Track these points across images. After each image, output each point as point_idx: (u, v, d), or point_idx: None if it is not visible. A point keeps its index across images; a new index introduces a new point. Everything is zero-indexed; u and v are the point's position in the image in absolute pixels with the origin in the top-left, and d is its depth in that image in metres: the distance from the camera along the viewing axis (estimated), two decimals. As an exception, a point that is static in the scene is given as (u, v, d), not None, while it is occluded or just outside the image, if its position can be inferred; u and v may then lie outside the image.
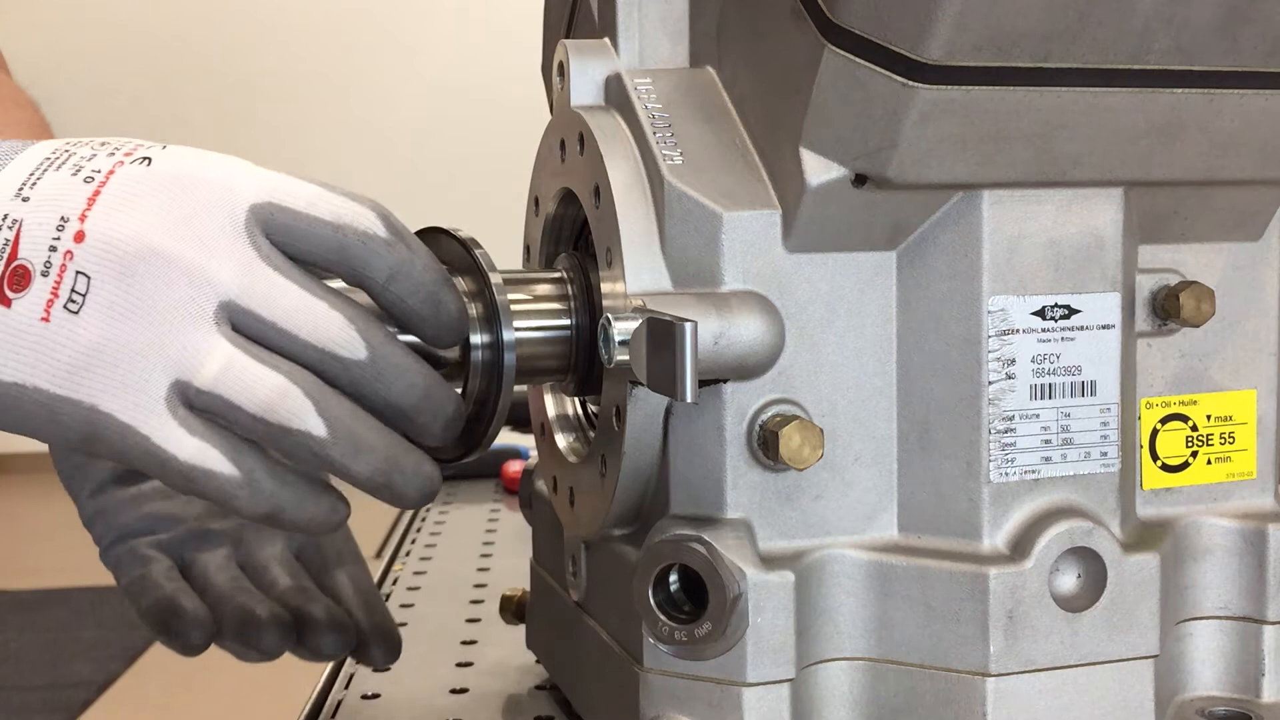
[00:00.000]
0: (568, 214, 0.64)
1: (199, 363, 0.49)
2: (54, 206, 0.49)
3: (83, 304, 0.49)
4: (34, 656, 3.21)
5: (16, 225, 0.49)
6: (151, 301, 0.49)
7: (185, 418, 0.49)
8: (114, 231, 0.49)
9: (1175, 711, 0.59)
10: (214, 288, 0.49)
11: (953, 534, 0.55)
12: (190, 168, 0.50)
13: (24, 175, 0.50)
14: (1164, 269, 0.59)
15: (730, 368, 0.52)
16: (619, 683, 0.57)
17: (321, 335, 0.50)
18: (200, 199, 0.49)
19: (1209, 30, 0.50)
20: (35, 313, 0.49)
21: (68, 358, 0.49)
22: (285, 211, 0.50)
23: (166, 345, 0.49)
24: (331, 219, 0.50)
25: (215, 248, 0.49)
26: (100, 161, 0.50)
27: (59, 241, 0.49)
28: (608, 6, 0.61)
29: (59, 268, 0.49)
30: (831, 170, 0.52)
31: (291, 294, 0.49)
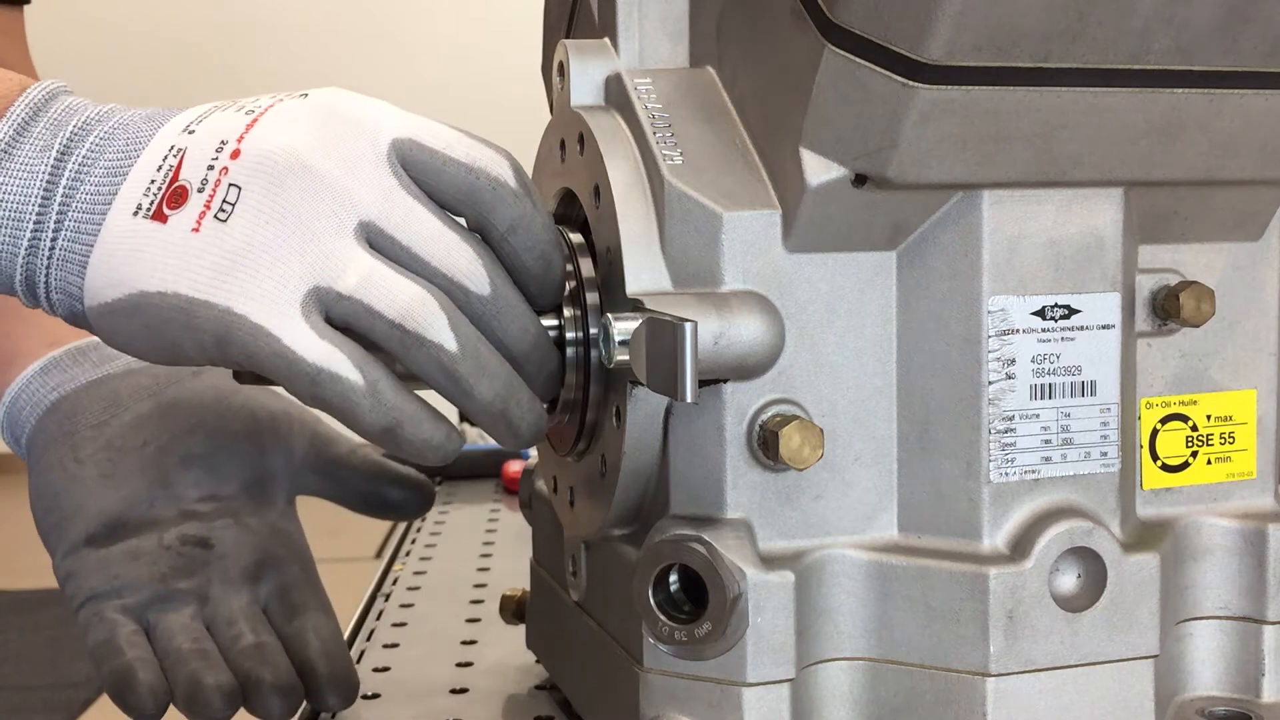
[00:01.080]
0: (568, 214, 0.64)
1: (340, 270, 0.51)
2: (215, 133, 0.54)
3: (232, 212, 0.52)
4: (34, 656, 3.21)
5: (181, 153, 0.54)
6: (297, 210, 0.52)
7: (317, 322, 0.51)
8: (267, 145, 0.53)
9: (1175, 711, 0.59)
10: (356, 206, 0.52)
11: (953, 534, 0.55)
12: (342, 102, 0.54)
13: (192, 117, 0.55)
14: (1164, 269, 0.59)
15: (730, 368, 0.52)
16: (619, 683, 0.57)
17: (451, 264, 0.52)
18: (349, 128, 0.53)
19: (1209, 30, 0.50)
20: (187, 224, 0.52)
21: (211, 262, 0.52)
22: (424, 149, 0.53)
23: (308, 252, 0.52)
24: (466, 161, 0.53)
25: (359, 171, 0.52)
26: (263, 101, 0.55)
27: (216, 160, 0.53)
28: (608, 6, 0.61)
29: (214, 183, 0.53)
30: (831, 170, 0.52)
31: (427, 222, 0.53)
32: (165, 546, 0.70)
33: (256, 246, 0.51)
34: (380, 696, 0.73)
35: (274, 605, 0.70)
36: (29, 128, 0.56)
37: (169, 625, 0.68)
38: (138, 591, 0.69)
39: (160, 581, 0.69)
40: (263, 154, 0.52)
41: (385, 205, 0.52)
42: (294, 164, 0.52)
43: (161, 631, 0.68)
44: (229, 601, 0.69)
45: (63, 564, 0.71)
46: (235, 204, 0.52)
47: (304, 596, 0.71)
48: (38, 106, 0.56)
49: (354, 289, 0.51)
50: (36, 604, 3.59)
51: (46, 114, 0.56)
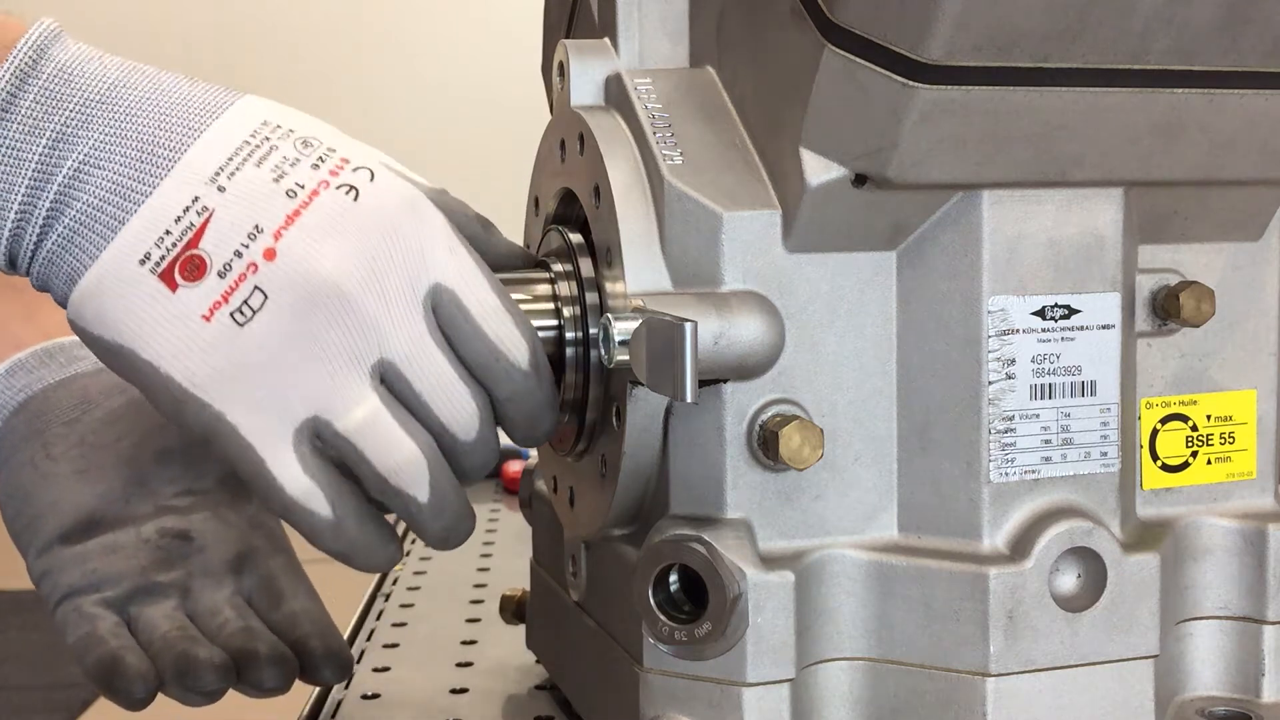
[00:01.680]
0: (568, 214, 0.64)
1: (345, 407, 0.51)
2: (249, 210, 0.50)
3: (251, 319, 0.50)
4: (34, 656, 3.21)
5: (206, 214, 0.50)
6: (321, 338, 0.50)
7: (305, 454, 0.51)
8: (308, 263, 0.50)
9: (1175, 711, 0.59)
10: (382, 345, 0.51)
11: (953, 534, 0.55)
12: (393, 217, 0.51)
13: (221, 157, 0.51)
14: (1164, 269, 0.59)
15: (730, 368, 0.52)
16: (619, 683, 0.57)
17: (452, 417, 0.52)
18: (396, 257, 0.51)
19: (1209, 30, 0.50)
20: (198, 308, 0.50)
21: (215, 362, 0.50)
22: (460, 309, 0.52)
23: (318, 383, 0.51)
24: (493, 339, 0.53)
25: (394, 309, 0.51)
26: (304, 173, 0.51)
27: (246, 250, 0.50)
28: (608, 6, 0.61)
29: (238, 275, 0.50)
30: (831, 170, 0.52)
31: (443, 375, 0.52)
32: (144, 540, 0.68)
33: (267, 365, 0.50)
34: (380, 696, 0.73)
35: (258, 595, 0.69)
36: (16, 99, 0.51)
37: (151, 617, 0.66)
38: (117, 585, 0.67)
39: (140, 574, 0.67)
40: (299, 274, 0.50)
41: (410, 350, 0.51)
42: (330, 294, 0.50)
43: (144, 623, 0.66)
44: (211, 593, 0.68)
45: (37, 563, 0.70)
46: (257, 311, 0.50)
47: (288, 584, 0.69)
48: (25, 69, 0.51)
49: (352, 431, 0.51)
50: (36, 604, 3.57)
51: (36, 80, 0.51)
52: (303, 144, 0.52)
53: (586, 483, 0.60)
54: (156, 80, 0.52)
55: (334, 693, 0.74)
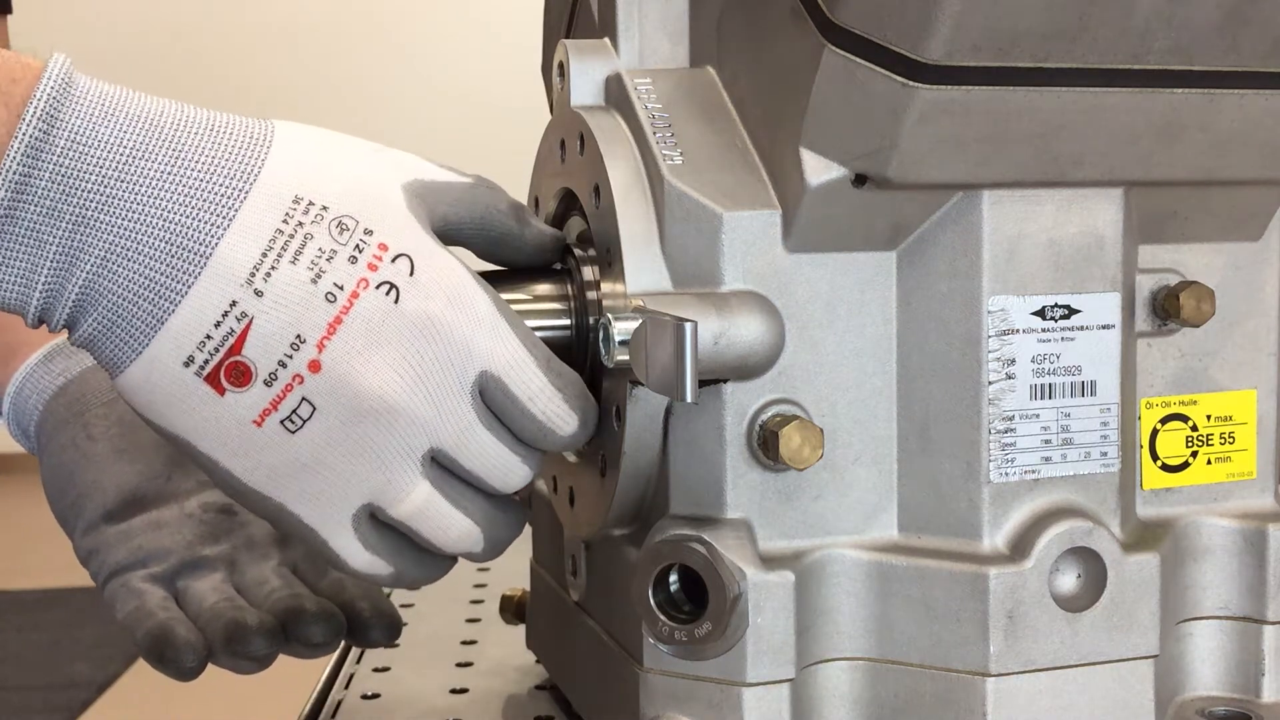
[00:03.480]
0: (568, 213, 0.64)
1: (397, 497, 0.53)
2: (290, 318, 0.49)
3: (301, 427, 0.51)
4: (34, 656, 3.21)
5: (246, 321, 0.49)
6: (370, 443, 0.51)
7: (365, 534, 0.54)
8: (353, 378, 0.50)
9: (1175, 711, 0.59)
10: (430, 438, 0.52)
11: (953, 534, 0.55)
12: (437, 318, 0.51)
13: (255, 254, 0.49)
14: (1164, 269, 0.59)
15: (730, 368, 0.52)
16: (619, 683, 0.57)
17: (505, 484, 0.54)
18: (440, 355, 0.51)
19: (1209, 30, 0.50)
20: (248, 415, 0.50)
21: (270, 462, 0.51)
22: (507, 395, 0.53)
23: (371, 476, 0.52)
24: (541, 419, 0.53)
25: (442, 405, 0.52)
26: (342, 270, 0.50)
27: (291, 360, 0.50)
28: (608, 6, 0.61)
29: (284, 385, 0.50)
30: (831, 170, 0.52)
31: (495, 454, 0.53)
32: (188, 515, 0.69)
33: (321, 465, 0.51)
34: (380, 696, 0.73)
35: (303, 565, 0.69)
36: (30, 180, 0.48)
37: (199, 590, 0.66)
38: (164, 560, 0.67)
39: (186, 549, 0.68)
40: (347, 389, 0.50)
41: (461, 440, 0.52)
42: (378, 406, 0.50)
43: (192, 595, 0.66)
44: (258, 565, 0.68)
45: (83, 542, 0.70)
46: (307, 420, 0.50)
47: None
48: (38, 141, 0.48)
49: (406, 516, 0.53)
50: (36, 604, 3.59)
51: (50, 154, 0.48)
52: (338, 228, 0.50)
53: (586, 483, 0.60)
54: (176, 143, 0.49)
55: (334, 692, 0.74)
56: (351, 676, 0.76)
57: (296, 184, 0.50)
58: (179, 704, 3.02)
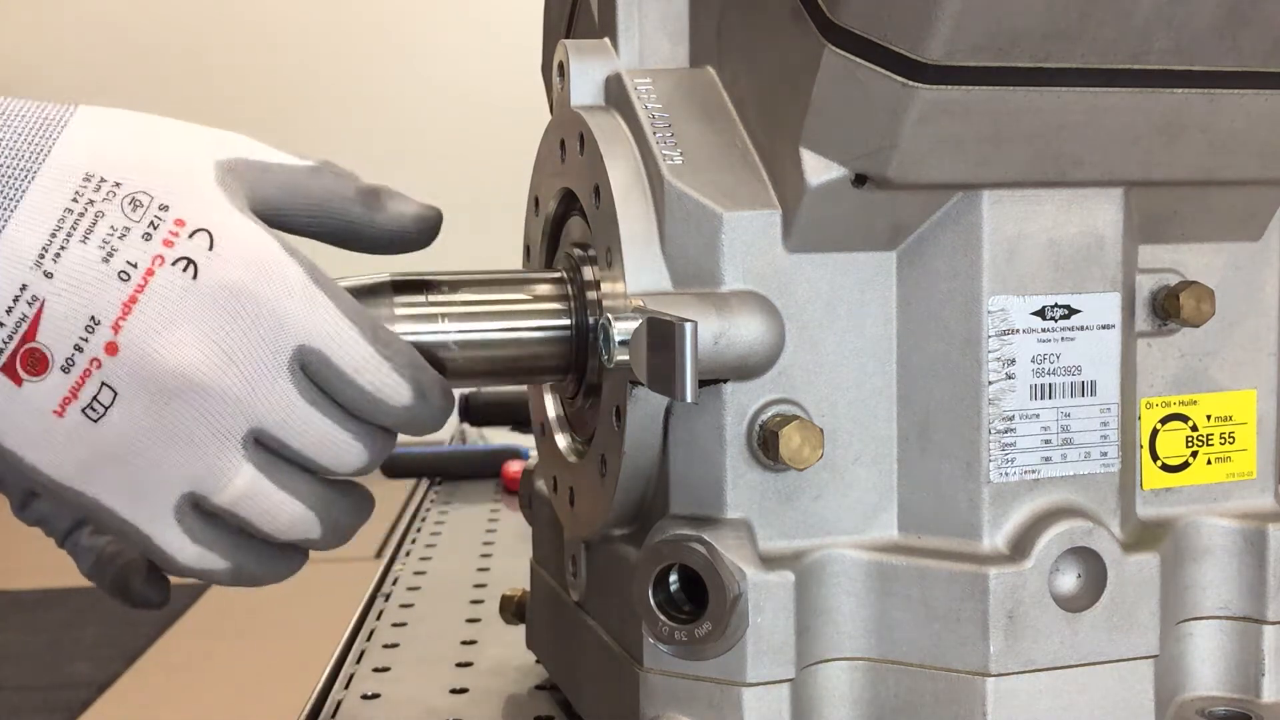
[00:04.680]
0: (568, 213, 0.64)
1: (219, 483, 0.50)
2: (82, 299, 0.47)
3: (104, 414, 0.48)
4: (34, 656, 3.21)
5: (38, 304, 0.47)
6: (181, 426, 0.49)
7: (190, 525, 0.51)
8: (152, 357, 0.48)
9: (1175, 711, 0.59)
10: (249, 416, 0.49)
11: (953, 534, 0.55)
12: (239, 291, 0.48)
13: (44, 234, 0.47)
14: (1164, 269, 0.59)
15: (730, 368, 0.52)
16: (619, 683, 0.57)
17: (338, 462, 0.52)
18: (250, 333, 0.49)
19: (1209, 30, 0.50)
20: (48, 404, 0.48)
21: (77, 454, 0.49)
22: (329, 367, 0.50)
23: (188, 463, 0.49)
24: (370, 390, 0.51)
25: (257, 383, 0.49)
26: (135, 249, 0.48)
27: (86, 344, 0.47)
28: (608, 6, 0.61)
29: (82, 370, 0.48)
30: (831, 170, 0.52)
31: (321, 432, 0.51)
32: None
33: (131, 453, 0.49)
34: (380, 696, 0.73)
35: None
36: None
37: None
38: None
39: None
40: (146, 370, 0.47)
41: (282, 417, 0.50)
42: (183, 385, 0.48)
43: None
44: None
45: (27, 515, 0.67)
46: (109, 407, 0.48)
47: None
48: None
49: (231, 503, 0.51)
50: (36, 604, 3.59)
51: None
52: (130, 204, 0.48)
53: (586, 483, 0.60)
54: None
55: (334, 692, 0.74)
56: (351, 676, 0.76)
57: (87, 162, 0.48)
58: (178, 704, 3.02)
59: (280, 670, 2.55)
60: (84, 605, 3.51)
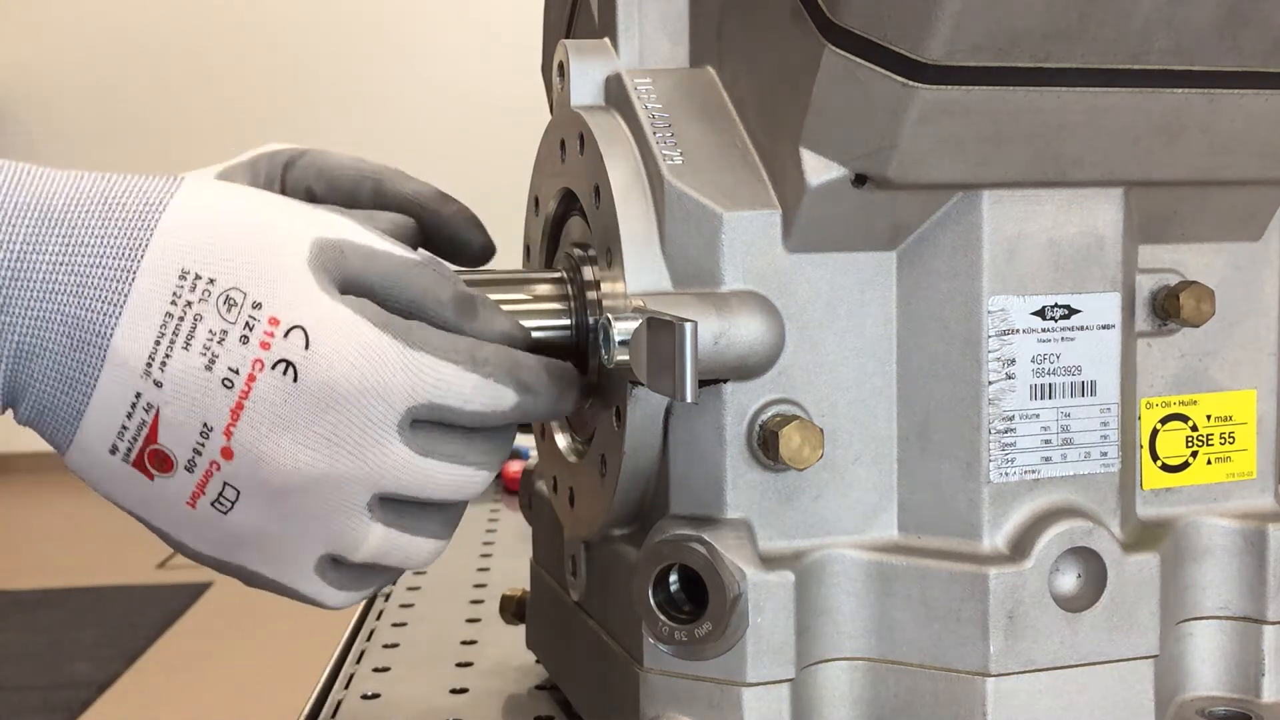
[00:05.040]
0: (568, 213, 0.64)
1: (353, 546, 0.52)
2: (193, 407, 0.49)
3: (231, 508, 0.51)
4: (34, 656, 3.21)
5: (154, 411, 0.49)
6: (305, 510, 0.51)
7: (334, 578, 0.54)
8: (265, 464, 0.49)
9: (1175, 711, 0.59)
10: (369, 488, 0.51)
11: (953, 534, 0.55)
12: (341, 384, 0.49)
13: (148, 342, 0.48)
14: (1164, 269, 0.59)
15: (730, 368, 0.52)
16: (619, 683, 0.57)
17: (463, 492, 0.53)
18: (354, 418, 0.50)
19: (1209, 30, 0.50)
20: (180, 495, 0.50)
21: (216, 536, 0.52)
22: (441, 410, 0.51)
23: (319, 538, 0.52)
24: (482, 410, 0.52)
25: (369, 458, 0.50)
26: (234, 353, 0.49)
27: (203, 448, 0.49)
28: (608, 6, 0.61)
29: (204, 471, 0.50)
30: (831, 170, 0.52)
31: (444, 475, 0.52)
32: None
33: (263, 535, 0.51)
34: (380, 696, 0.73)
35: None
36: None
37: None
38: None
39: None
40: (263, 474, 0.49)
41: (401, 476, 0.51)
42: (300, 483, 0.50)
43: None
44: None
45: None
46: (235, 502, 0.50)
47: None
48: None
49: (369, 559, 0.53)
50: (36, 604, 3.60)
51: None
52: (225, 303, 0.49)
53: (586, 483, 0.60)
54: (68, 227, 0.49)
55: (334, 692, 0.74)
56: (351, 676, 0.76)
57: (182, 256, 0.49)
58: (178, 704, 3.02)
59: (280, 670, 2.55)
60: (84, 605, 3.52)
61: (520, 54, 1.67)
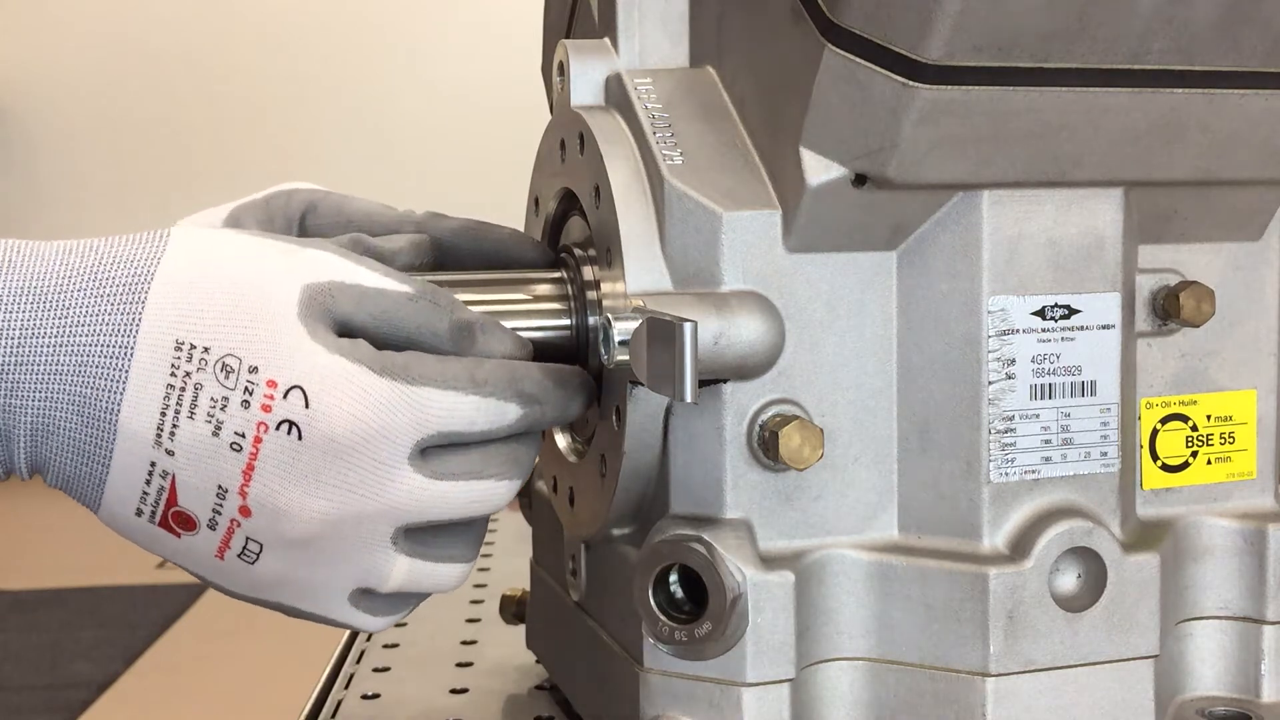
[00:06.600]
0: (568, 213, 0.64)
1: (381, 579, 0.54)
2: (205, 472, 0.50)
3: (257, 559, 0.52)
4: (34, 656, 3.21)
5: (169, 477, 0.50)
6: (329, 554, 0.52)
7: (369, 605, 0.55)
8: (283, 518, 0.51)
9: (1175, 711, 0.59)
10: (389, 523, 0.52)
11: (953, 534, 0.55)
12: (344, 432, 0.50)
13: (154, 415, 0.50)
14: (1164, 269, 0.59)
15: (730, 368, 0.52)
16: (619, 683, 0.57)
17: (492, 507, 0.54)
18: (362, 461, 0.51)
19: (1209, 30, 0.50)
20: (208, 550, 0.52)
21: (248, 584, 0.54)
22: (448, 436, 0.52)
23: (347, 574, 0.53)
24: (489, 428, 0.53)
25: (386, 493, 0.51)
26: (238, 419, 0.50)
27: (222, 508, 0.51)
28: (608, 6, 0.61)
29: (226, 528, 0.52)
30: (831, 170, 0.52)
31: (459, 495, 0.53)
32: None
33: (295, 579, 0.53)
34: (380, 696, 0.73)
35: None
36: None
37: None
38: None
39: None
40: (281, 528, 0.51)
41: (419, 505, 0.52)
42: (318, 530, 0.51)
43: None
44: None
45: None
46: (260, 554, 0.52)
47: None
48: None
49: (396, 589, 0.54)
50: (36, 604, 3.59)
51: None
52: (222, 370, 0.50)
53: (586, 483, 0.60)
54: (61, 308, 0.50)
55: (334, 692, 0.74)
56: (351, 676, 0.76)
57: (174, 327, 0.50)
58: (178, 704, 3.02)
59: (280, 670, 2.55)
60: (84, 605, 3.51)
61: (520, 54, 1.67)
